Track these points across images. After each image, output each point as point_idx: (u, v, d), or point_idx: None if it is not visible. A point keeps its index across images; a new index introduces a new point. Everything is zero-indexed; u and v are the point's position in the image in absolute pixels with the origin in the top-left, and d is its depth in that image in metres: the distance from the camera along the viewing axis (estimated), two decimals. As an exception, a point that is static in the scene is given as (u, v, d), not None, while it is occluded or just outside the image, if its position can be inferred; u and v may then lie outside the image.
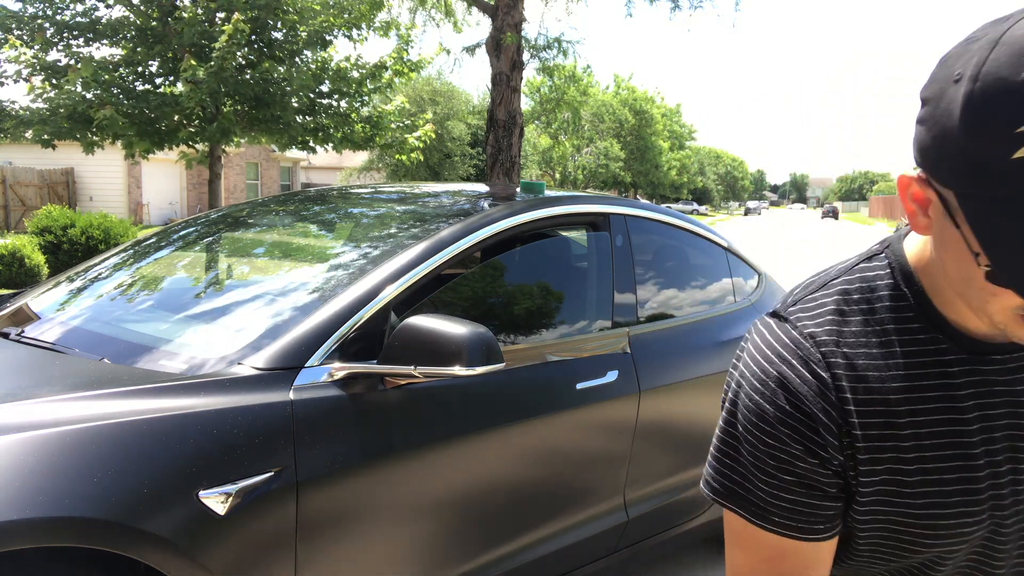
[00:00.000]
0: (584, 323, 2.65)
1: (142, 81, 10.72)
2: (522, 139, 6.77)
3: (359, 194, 3.14)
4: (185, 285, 2.61)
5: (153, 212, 24.95)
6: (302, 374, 1.84)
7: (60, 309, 2.44)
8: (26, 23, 9.88)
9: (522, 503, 2.31)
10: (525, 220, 2.48)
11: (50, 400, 1.60)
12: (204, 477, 1.60)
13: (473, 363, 1.82)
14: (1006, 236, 0.69)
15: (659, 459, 2.74)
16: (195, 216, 3.15)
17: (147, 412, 1.61)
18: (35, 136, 9.95)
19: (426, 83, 27.66)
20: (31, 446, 1.47)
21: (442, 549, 2.10)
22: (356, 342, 1.97)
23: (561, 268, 2.84)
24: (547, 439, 2.34)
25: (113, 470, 1.50)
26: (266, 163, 30.57)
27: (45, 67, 9.95)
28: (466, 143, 28.75)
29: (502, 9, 6.63)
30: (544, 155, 38.38)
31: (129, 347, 2.05)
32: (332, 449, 1.81)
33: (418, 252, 2.17)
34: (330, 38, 10.95)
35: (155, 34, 10.41)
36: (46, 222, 10.78)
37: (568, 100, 24.45)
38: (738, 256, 3.42)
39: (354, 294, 2.02)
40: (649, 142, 49.60)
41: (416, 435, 2.00)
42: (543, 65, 8.10)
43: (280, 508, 1.72)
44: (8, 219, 21.35)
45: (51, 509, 1.41)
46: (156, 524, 1.52)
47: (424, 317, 1.89)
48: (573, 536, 2.45)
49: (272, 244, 2.78)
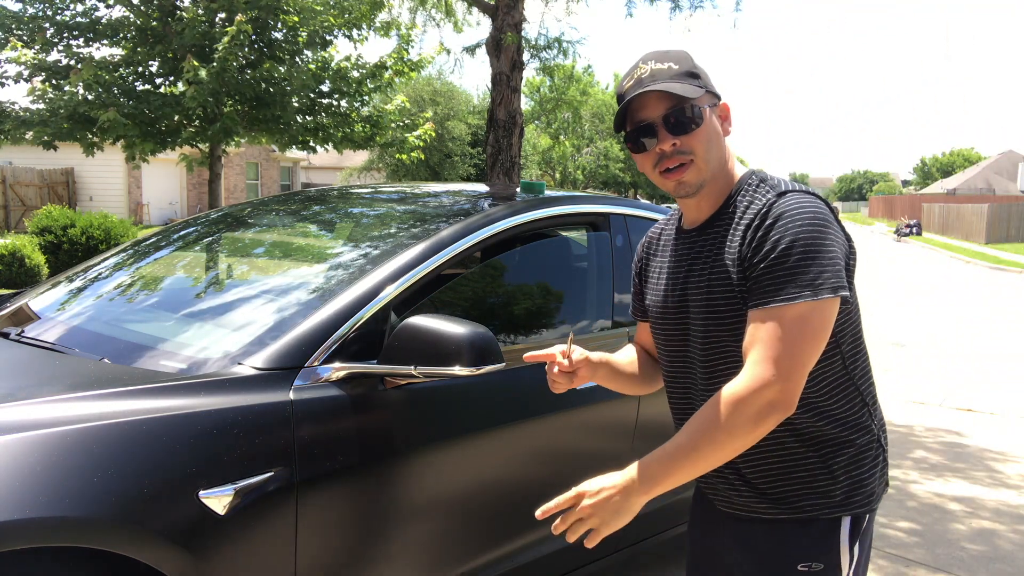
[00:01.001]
0: (584, 323, 2.65)
1: (142, 81, 10.72)
2: (522, 139, 6.77)
3: (359, 194, 3.14)
4: (185, 285, 2.61)
5: (153, 212, 24.96)
6: (302, 374, 1.84)
7: (60, 309, 2.44)
8: (26, 23, 9.88)
9: (522, 503, 2.31)
10: (525, 220, 2.48)
11: (50, 400, 1.60)
12: (204, 477, 1.60)
13: (473, 363, 1.82)
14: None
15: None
16: (195, 216, 3.15)
17: (147, 412, 1.61)
18: (35, 138, 9.94)
19: (426, 83, 27.65)
20: (31, 446, 1.47)
21: (442, 549, 2.10)
22: (356, 342, 1.97)
23: (561, 268, 2.84)
24: (547, 439, 2.34)
25: (113, 470, 1.50)
26: (266, 163, 30.57)
27: (46, 68, 9.94)
28: (466, 143, 28.75)
29: (502, 9, 6.63)
30: (544, 155, 38.36)
31: (129, 347, 2.05)
32: (332, 449, 1.81)
33: (418, 252, 2.17)
34: (330, 38, 10.94)
35: (155, 34, 10.40)
36: (46, 222, 10.79)
37: (568, 100, 24.48)
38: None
39: (354, 294, 2.02)
40: (649, 142, 49.40)
41: (416, 435, 2.00)
42: (543, 65, 8.10)
43: (280, 508, 1.72)
44: (8, 219, 21.35)
45: (51, 509, 1.41)
46: (156, 524, 1.52)
47: (424, 317, 1.89)
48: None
49: (272, 244, 2.78)
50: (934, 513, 4.04)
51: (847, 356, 1.47)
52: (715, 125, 1.48)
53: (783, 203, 1.39)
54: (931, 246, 30.19)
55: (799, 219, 1.36)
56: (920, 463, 4.87)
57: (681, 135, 1.44)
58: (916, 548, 3.60)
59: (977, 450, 5.20)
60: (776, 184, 1.45)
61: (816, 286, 1.32)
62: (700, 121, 1.44)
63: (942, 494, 4.33)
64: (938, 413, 6.18)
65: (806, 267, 1.33)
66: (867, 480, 1.48)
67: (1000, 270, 21.05)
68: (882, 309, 12.36)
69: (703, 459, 1.36)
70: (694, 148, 1.44)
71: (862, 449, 1.48)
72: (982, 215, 31.63)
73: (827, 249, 1.35)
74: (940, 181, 74.81)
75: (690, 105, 1.43)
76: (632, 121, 1.48)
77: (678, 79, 1.44)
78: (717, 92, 1.51)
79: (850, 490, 1.45)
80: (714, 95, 1.50)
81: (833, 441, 1.45)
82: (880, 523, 3.86)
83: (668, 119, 1.43)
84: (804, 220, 1.36)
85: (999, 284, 17.39)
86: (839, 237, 1.40)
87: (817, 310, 1.33)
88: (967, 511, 4.09)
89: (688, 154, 1.44)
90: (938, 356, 8.54)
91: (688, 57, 1.50)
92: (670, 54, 1.49)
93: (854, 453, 1.47)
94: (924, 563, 3.44)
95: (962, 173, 70.43)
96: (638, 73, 1.47)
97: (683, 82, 1.44)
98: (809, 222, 1.35)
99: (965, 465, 4.87)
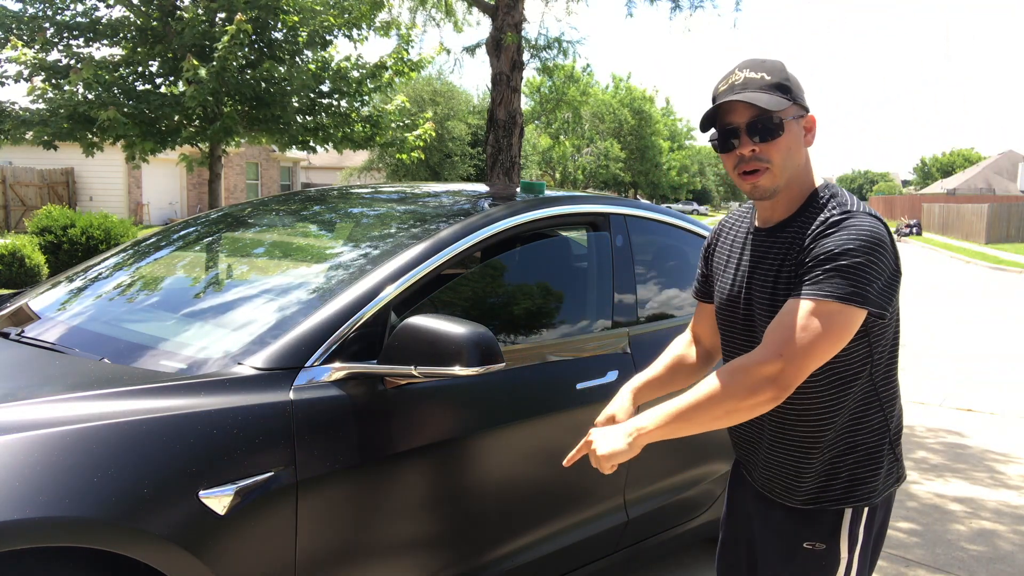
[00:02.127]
0: (584, 323, 2.65)
1: (143, 81, 10.71)
2: (522, 139, 6.76)
3: (359, 194, 3.14)
4: (185, 285, 2.61)
5: (153, 212, 24.96)
6: (302, 374, 1.84)
7: (60, 309, 2.44)
8: (26, 23, 9.87)
9: (522, 503, 2.31)
10: (525, 220, 2.48)
11: (50, 400, 1.60)
12: (204, 477, 1.60)
13: (473, 363, 1.82)
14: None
15: (659, 459, 2.74)
16: (195, 216, 3.15)
17: (147, 412, 1.61)
18: (36, 137, 9.93)
19: (426, 83, 27.66)
20: (31, 446, 1.47)
21: (442, 549, 2.10)
22: (356, 342, 1.97)
23: (561, 268, 2.84)
24: (547, 439, 2.34)
25: (113, 470, 1.50)
26: (266, 163, 30.57)
27: (46, 67, 9.94)
28: (466, 143, 28.75)
29: (502, 9, 6.63)
30: (544, 155, 38.36)
31: (129, 347, 2.05)
32: (332, 449, 1.81)
33: (418, 252, 2.17)
34: (330, 38, 10.93)
35: (155, 34, 10.39)
36: (46, 222, 10.78)
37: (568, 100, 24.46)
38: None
39: (354, 294, 2.02)
40: (649, 142, 49.59)
41: (416, 435, 2.00)
42: (543, 65, 8.10)
43: (280, 508, 1.72)
44: (8, 219, 21.35)
45: (51, 509, 1.41)
46: (156, 524, 1.52)
47: (424, 317, 1.89)
48: (573, 536, 2.45)
49: (272, 244, 2.78)
50: (934, 513, 4.04)
51: (876, 366, 1.60)
52: (797, 136, 1.59)
53: (848, 219, 1.52)
54: (931, 246, 30.20)
55: (855, 233, 1.49)
56: (920, 463, 4.87)
57: (761, 143, 1.56)
58: (916, 548, 3.60)
59: (977, 450, 5.20)
60: (844, 202, 1.57)
61: (850, 293, 1.45)
62: (780, 132, 1.56)
63: (942, 494, 4.33)
64: (938, 413, 6.18)
65: (847, 274, 1.46)
66: (870, 479, 1.63)
67: (1000, 270, 21.06)
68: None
69: (698, 416, 1.53)
70: (772, 156, 1.57)
71: (871, 451, 1.63)
72: (982, 215, 31.63)
73: (872, 266, 1.47)
74: (940, 181, 74.82)
75: (773, 116, 1.55)
76: (720, 123, 1.61)
77: (767, 90, 1.56)
78: (806, 104, 1.62)
79: (850, 486, 1.63)
80: (802, 107, 1.60)
81: (845, 445, 1.62)
82: (880, 523, 3.87)
83: (752, 126, 1.56)
84: (860, 235, 1.49)
85: (999, 284, 17.39)
86: (888, 260, 1.50)
87: (843, 314, 1.46)
88: (967, 511, 4.09)
89: (766, 162, 1.57)
90: (938, 356, 8.54)
91: (782, 69, 1.60)
92: (766, 64, 1.60)
93: (862, 456, 1.63)
94: (924, 563, 3.44)
95: (962, 173, 70.43)
96: (732, 79, 1.60)
97: (772, 93, 1.55)
98: (864, 238, 1.48)
99: (965, 465, 4.87)
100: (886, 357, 1.61)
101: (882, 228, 1.51)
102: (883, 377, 1.62)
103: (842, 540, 1.64)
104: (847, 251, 1.47)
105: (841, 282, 1.45)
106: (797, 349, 1.45)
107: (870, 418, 1.62)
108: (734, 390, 1.48)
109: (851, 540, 1.64)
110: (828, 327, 1.45)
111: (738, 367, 1.50)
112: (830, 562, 1.64)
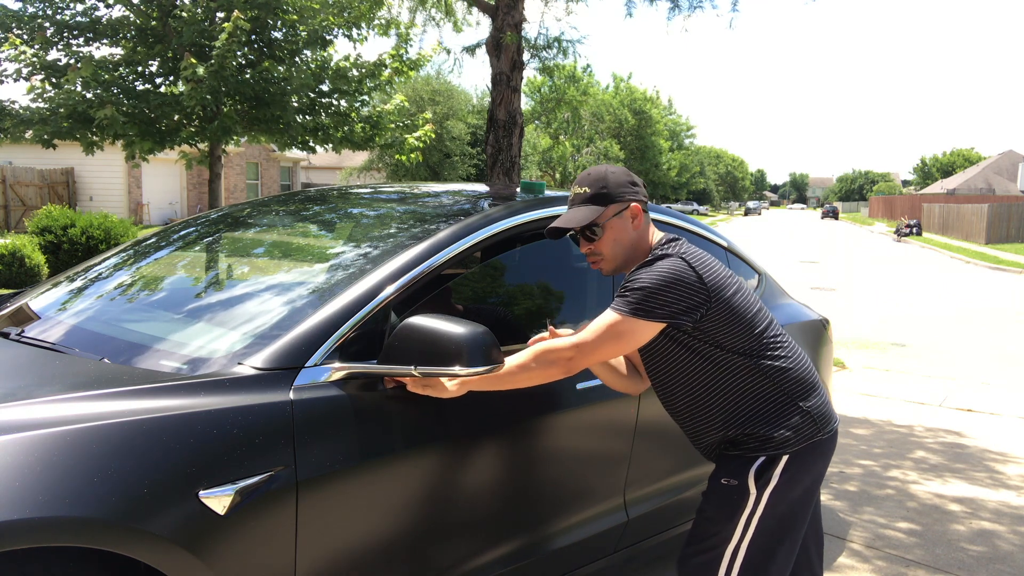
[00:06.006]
0: (584, 323, 2.64)
1: (142, 81, 10.71)
2: (522, 139, 6.75)
3: (359, 194, 3.14)
4: (185, 285, 2.61)
5: (153, 212, 24.96)
6: (302, 374, 1.84)
7: (60, 309, 2.44)
8: (26, 22, 9.87)
9: (522, 503, 2.31)
10: (525, 220, 2.48)
11: (50, 400, 1.60)
12: (204, 477, 1.60)
13: (473, 363, 1.82)
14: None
15: (659, 459, 2.74)
16: (195, 216, 3.15)
17: (147, 412, 1.61)
18: (35, 136, 9.93)
19: (426, 83, 27.65)
20: (31, 446, 1.47)
21: (442, 548, 2.10)
22: (356, 342, 1.97)
23: (561, 268, 2.84)
24: (547, 439, 2.34)
25: (113, 470, 1.50)
26: (266, 163, 30.57)
27: (45, 66, 9.93)
28: (466, 143, 28.74)
29: (502, 9, 6.62)
30: (544, 155, 38.35)
31: (129, 347, 2.05)
32: (332, 449, 1.81)
33: (418, 252, 2.17)
34: (330, 37, 10.93)
35: (155, 34, 10.39)
36: (46, 222, 10.78)
37: (568, 100, 24.48)
38: (738, 256, 3.42)
39: (354, 294, 2.02)
40: (649, 142, 49.58)
41: (416, 435, 2.00)
42: (543, 65, 8.09)
43: (280, 508, 1.72)
44: (8, 219, 21.35)
45: (51, 509, 1.41)
46: (156, 524, 1.52)
47: (424, 317, 1.89)
48: (573, 536, 2.45)
49: (272, 244, 2.78)
50: (934, 513, 4.04)
51: (742, 353, 1.96)
52: (622, 228, 2.04)
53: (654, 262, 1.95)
54: (931, 246, 30.19)
55: (655, 271, 1.91)
56: (920, 463, 4.87)
57: (590, 244, 2.07)
58: (916, 548, 3.60)
59: (977, 451, 5.20)
60: (666, 253, 1.96)
61: (631, 307, 1.90)
62: (601, 232, 2.04)
63: (942, 494, 4.33)
64: (938, 413, 6.18)
65: (635, 296, 1.90)
66: (778, 434, 1.95)
67: (1000, 270, 21.06)
68: (882, 309, 12.35)
69: (511, 375, 1.95)
70: (602, 250, 2.07)
71: (773, 414, 1.97)
72: (982, 215, 31.63)
73: (661, 291, 1.88)
74: (940, 181, 74.80)
75: (591, 225, 2.04)
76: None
77: (587, 203, 2.03)
78: (628, 198, 2.03)
79: (762, 442, 1.96)
80: (622, 203, 2.03)
81: (744, 415, 1.98)
82: (880, 523, 3.87)
83: (582, 232, 2.08)
84: (658, 271, 1.91)
85: (999, 284, 17.39)
86: (686, 290, 1.89)
87: (625, 323, 1.91)
88: (967, 512, 4.09)
89: (599, 255, 2.08)
90: (938, 356, 8.54)
91: (602, 179, 2.04)
92: (590, 177, 2.06)
93: (765, 418, 1.96)
94: (924, 563, 3.44)
95: (962, 173, 70.42)
96: (573, 192, 2.08)
97: (589, 205, 2.02)
98: (659, 274, 1.90)
99: (965, 465, 4.87)
100: (752, 344, 1.95)
101: (685, 267, 1.91)
102: (759, 355, 1.96)
103: (750, 478, 1.94)
104: (642, 281, 1.90)
105: (628, 300, 1.90)
106: (585, 347, 1.94)
107: (758, 388, 1.97)
108: (538, 363, 1.95)
109: (763, 479, 1.94)
110: (611, 333, 1.91)
111: (548, 347, 1.95)
112: (740, 496, 1.95)
